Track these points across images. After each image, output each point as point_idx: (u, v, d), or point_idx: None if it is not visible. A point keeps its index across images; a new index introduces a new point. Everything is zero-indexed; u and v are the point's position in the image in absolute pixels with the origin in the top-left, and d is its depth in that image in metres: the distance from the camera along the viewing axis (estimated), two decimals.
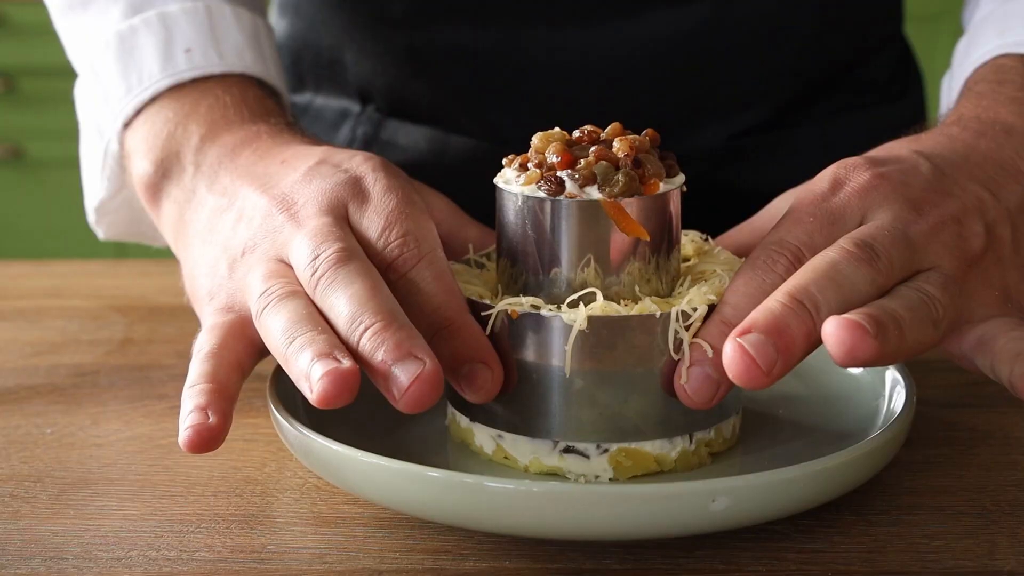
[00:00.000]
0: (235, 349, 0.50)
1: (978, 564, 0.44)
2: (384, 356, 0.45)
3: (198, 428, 0.46)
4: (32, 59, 2.19)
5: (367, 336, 0.46)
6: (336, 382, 0.44)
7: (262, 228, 0.53)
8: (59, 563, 0.45)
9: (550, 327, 0.47)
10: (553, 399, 0.48)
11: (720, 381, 0.46)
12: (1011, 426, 0.56)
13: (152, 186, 0.61)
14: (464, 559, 0.45)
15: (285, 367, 0.47)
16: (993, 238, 0.50)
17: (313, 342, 0.46)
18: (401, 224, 0.50)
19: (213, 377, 0.48)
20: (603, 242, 0.49)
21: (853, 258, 0.46)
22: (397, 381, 0.45)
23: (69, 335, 0.70)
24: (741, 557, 0.45)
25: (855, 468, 0.46)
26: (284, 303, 0.48)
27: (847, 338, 0.43)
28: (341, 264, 0.48)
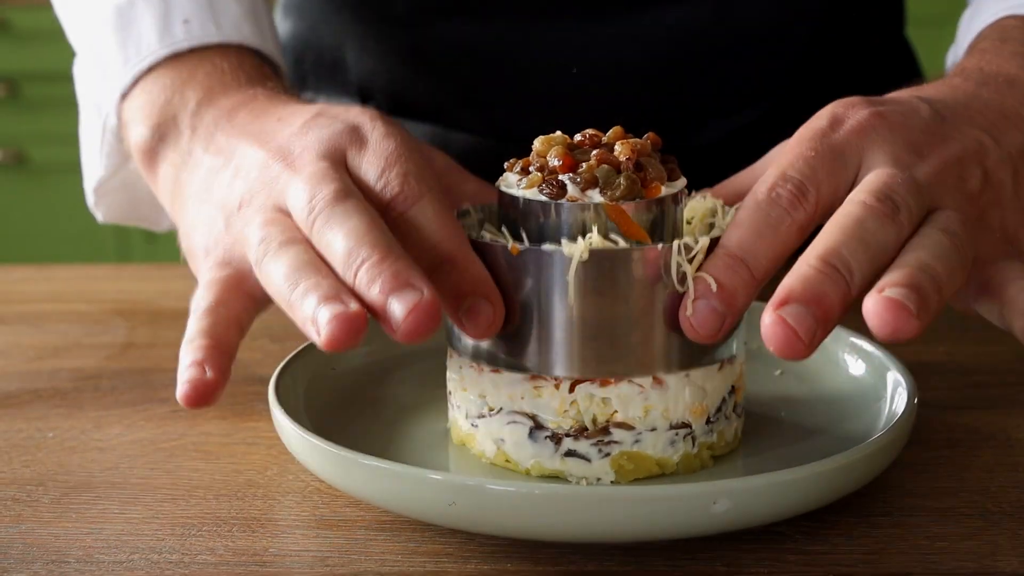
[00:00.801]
0: (233, 304, 0.50)
1: (980, 566, 0.44)
2: (381, 287, 0.44)
3: (195, 383, 0.46)
4: (35, 64, 2.19)
5: (364, 269, 0.45)
6: (344, 325, 0.43)
7: (259, 180, 0.52)
8: (61, 567, 0.45)
9: (551, 261, 0.47)
10: (555, 334, 0.47)
11: (725, 314, 0.46)
12: (1013, 428, 0.56)
13: (149, 151, 0.61)
14: (466, 562, 0.45)
15: (290, 313, 0.46)
16: (993, 182, 0.50)
17: (318, 286, 0.45)
18: (401, 164, 0.50)
19: (211, 333, 0.48)
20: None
21: (877, 214, 0.45)
22: (394, 312, 0.44)
23: (71, 339, 0.70)
24: (743, 559, 0.45)
25: (857, 470, 0.46)
26: (285, 249, 0.48)
27: (890, 318, 0.42)
28: (338, 202, 0.48)
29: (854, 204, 0.46)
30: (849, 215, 0.46)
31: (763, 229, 0.46)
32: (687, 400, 0.49)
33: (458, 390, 0.52)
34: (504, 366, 0.49)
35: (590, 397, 0.48)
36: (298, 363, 0.56)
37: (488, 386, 0.50)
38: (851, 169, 0.48)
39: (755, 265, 0.46)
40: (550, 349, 0.48)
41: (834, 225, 0.46)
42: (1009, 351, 0.65)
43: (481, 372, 0.50)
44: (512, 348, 0.49)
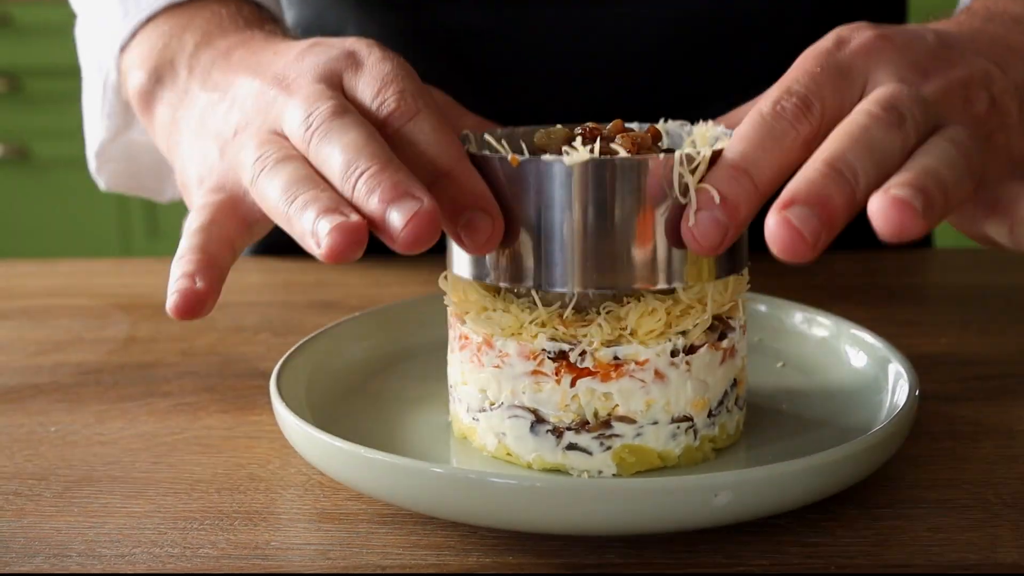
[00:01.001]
0: (225, 225, 0.50)
1: (981, 557, 0.44)
2: (380, 196, 0.44)
3: (185, 293, 0.46)
4: (37, 59, 2.19)
5: (362, 180, 0.45)
6: (345, 235, 0.43)
7: (254, 107, 0.52)
8: (63, 560, 0.45)
9: (551, 172, 0.46)
10: (555, 247, 0.47)
11: (728, 226, 0.45)
12: (1014, 420, 0.56)
13: (146, 94, 0.61)
14: (467, 554, 0.45)
15: (287, 227, 0.46)
16: (999, 107, 0.49)
17: (317, 199, 0.45)
18: (397, 83, 0.49)
19: (202, 249, 0.48)
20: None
21: (882, 122, 0.45)
22: (394, 221, 0.44)
23: (73, 334, 0.70)
24: (744, 551, 0.45)
25: (858, 462, 0.46)
26: (281, 165, 0.47)
27: (895, 216, 0.42)
28: (335, 117, 0.47)
29: (860, 113, 0.45)
30: (855, 123, 0.45)
31: (767, 141, 0.45)
32: (689, 394, 0.49)
33: (459, 384, 0.52)
34: (505, 282, 0.48)
35: (591, 391, 0.48)
36: (300, 357, 0.56)
37: (489, 380, 0.50)
38: (856, 87, 0.48)
39: (759, 176, 0.45)
40: (551, 263, 0.47)
41: (840, 132, 0.45)
42: (1011, 343, 0.65)
43: (482, 367, 0.50)
44: (512, 263, 0.48)
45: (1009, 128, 0.49)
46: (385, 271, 0.81)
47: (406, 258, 0.82)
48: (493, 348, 0.49)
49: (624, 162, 0.46)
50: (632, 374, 0.48)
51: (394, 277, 0.79)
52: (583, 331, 0.48)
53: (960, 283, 0.77)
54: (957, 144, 0.45)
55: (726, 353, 0.50)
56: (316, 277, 0.80)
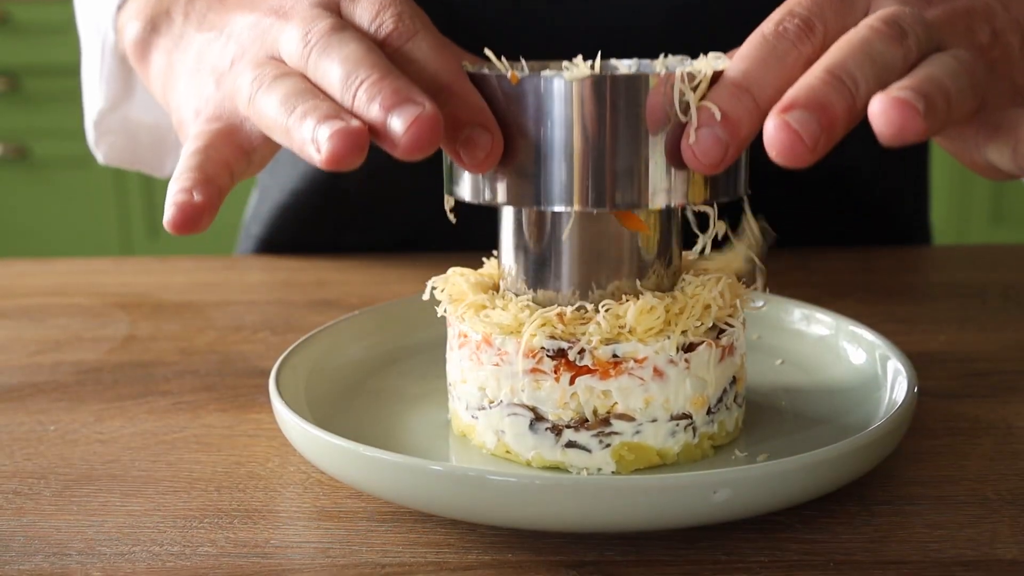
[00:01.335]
0: (222, 150, 0.49)
1: (979, 553, 0.44)
2: (381, 103, 0.44)
3: (182, 206, 0.45)
4: (36, 58, 2.19)
5: (363, 88, 0.44)
6: (346, 140, 0.43)
7: (250, 37, 0.52)
8: (63, 559, 0.45)
9: (551, 88, 0.46)
10: (554, 165, 0.46)
11: (729, 143, 0.45)
12: (1013, 416, 0.56)
13: (142, 43, 0.61)
14: (467, 552, 0.45)
15: (287, 138, 0.46)
16: (1002, 40, 0.49)
17: (316, 108, 0.45)
18: (394, 5, 0.49)
19: (200, 168, 0.47)
20: (604, 236, 0.49)
21: (884, 36, 0.44)
22: (395, 126, 0.43)
23: (72, 333, 0.70)
24: (743, 548, 0.45)
25: (857, 459, 0.46)
26: (278, 81, 0.47)
27: (896, 117, 0.41)
28: (333, 32, 0.47)
29: (862, 27, 0.45)
30: (856, 35, 0.45)
31: (769, 60, 0.45)
32: (687, 391, 0.49)
33: (458, 382, 0.52)
34: (504, 202, 0.48)
35: (590, 389, 0.48)
36: (299, 355, 0.56)
37: (488, 378, 0.50)
38: (859, 10, 0.47)
39: (760, 95, 0.45)
40: (550, 180, 0.47)
41: (841, 43, 0.45)
42: (1009, 339, 0.66)
43: (481, 365, 0.50)
44: (512, 182, 0.47)
45: (1012, 61, 0.49)
46: (385, 269, 0.81)
47: (406, 257, 0.82)
48: (492, 346, 0.49)
49: (625, 78, 0.45)
50: (631, 372, 0.48)
51: (394, 275, 0.79)
52: (582, 329, 0.48)
53: (958, 280, 0.77)
54: (960, 61, 0.44)
55: (725, 351, 0.50)
56: (315, 276, 0.80)
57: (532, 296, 0.50)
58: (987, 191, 2.16)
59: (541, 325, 0.48)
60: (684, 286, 0.50)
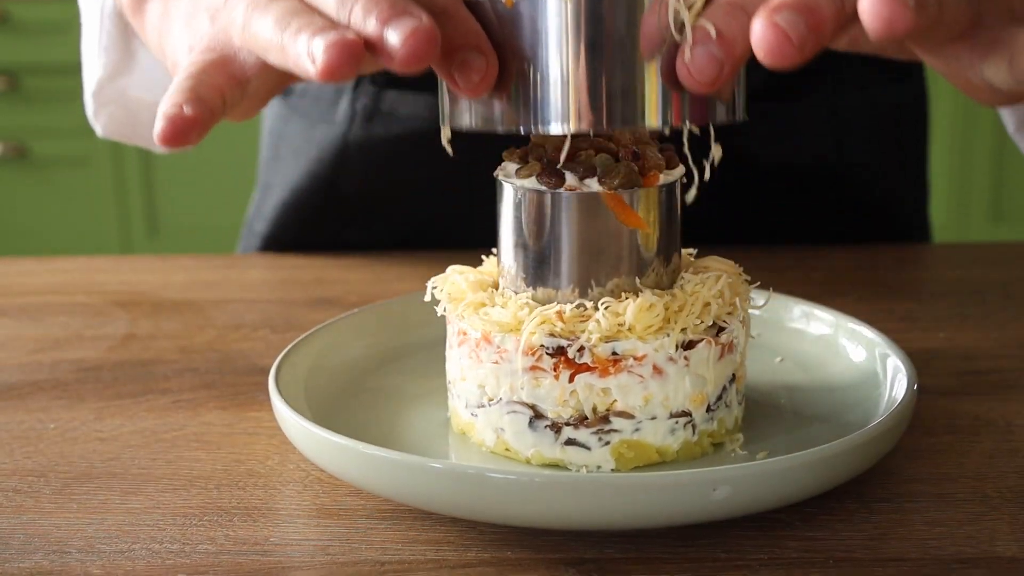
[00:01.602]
0: (215, 75, 0.49)
1: (979, 551, 0.44)
2: (378, 16, 0.44)
3: (173, 119, 0.45)
4: (35, 57, 2.19)
5: (359, 4, 0.44)
6: (341, 50, 0.43)
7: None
8: (62, 557, 0.45)
9: (545, 9, 0.46)
10: (550, 85, 0.46)
11: (724, 61, 0.44)
12: (1012, 414, 0.56)
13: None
14: (466, 550, 0.45)
15: (282, 56, 0.45)
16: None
17: (311, 23, 0.45)
18: None
19: (191, 89, 0.47)
20: (603, 234, 0.49)
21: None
22: (392, 38, 0.43)
23: (72, 331, 0.70)
24: (743, 545, 0.45)
25: (856, 456, 0.46)
26: (272, 4, 0.47)
27: (884, 10, 0.41)
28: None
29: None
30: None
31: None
32: (687, 389, 0.49)
33: (458, 380, 0.52)
34: (502, 126, 0.47)
35: (590, 387, 0.48)
36: (298, 353, 0.56)
37: (488, 376, 0.50)
38: None
39: (755, 12, 0.44)
40: (546, 101, 0.46)
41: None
42: (1009, 337, 0.65)
43: (481, 363, 0.50)
44: (508, 105, 0.47)
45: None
46: (385, 268, 0.81)
47: (406, 255, 0.82)
48: (492, 344, 0.49)
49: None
50: (630, 369, 0.48)
51: (394, 274, 0.79)
52: (581, 327, 0.48)
53: (958, 278, 0.77)
54: None
55: (725, 348, 0.50)
56: (315, 274, 0.80)
57: (531, 294, 0.50)
58: (987, 189, 2.16)
59: (540, 323, 0.48)
60: (684, 284, 0.50)
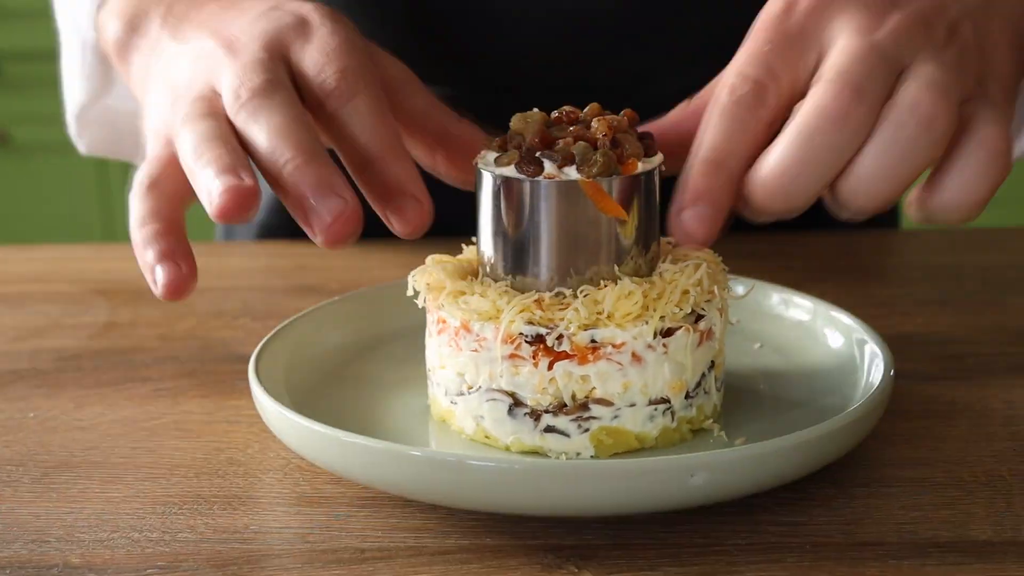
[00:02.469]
0: (174, 180, 0.50)
1: (954, 535, 0.45)
2: (305, 191, 0.46)
3: (174, 280, 0.48)
4: (18, 43, 2.18)
5: (288, 170, 0.46)
6: (236, 198, 0.45)
7: (204, 66, 0.53)
8: (41, 546, 0.45)
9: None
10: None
11: (715, 217, 0.48)
12: (989, 398, 0.56)
13: (121, 44, 0.62)
14: (446, 537, 0.46)
15: (193, 183, 0.48)
16: (958, 35, 0.49)
17: (219, 158, 0.46)
18: (340, 60, 0.50)
19: (163, 215, 0.49)
20: (582, 222, 0.49)
21: (832, 117, 0.45)
22: (319, 217, 0.46)
23: (52, 319, 0.70)
24: (721, 531, 0.45)
25: (833, 441, 0.46)
26: (200, 121, 0.49)
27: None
28: (265, 95, 0.49)
29: (809, 107, 0.46)
30: (802, 127, 0.46)
31: (733, 132, 0.47)
32: (666, 376, 0.49)
33: (437, 368, 0.52)
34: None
35: (569, 374, 0.48)
36: (278, 341, 0.56)
37: (467, 364, 0.50)
38: (812, 52, 0.48)
39: (733, 166, 0.48)
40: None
41: (786, 138, 0.46)
42: (986, 322, 0.66)
43: (460, 351, 0.50)
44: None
45: (969, 51, 0.49)
46: (366, 255, 0.80)
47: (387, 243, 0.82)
48: (471, 332, 0.49)
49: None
50: (609, 357, 0.48)
51: (375, 261, 0.79)
52: (560, 315, 0.48)
53: (937, 263, 0.77)
54: (914, 112, 0.45)
55: (703, 335, 0.50)
56: (296, 262, 0.80)
57: (511, 282, 0.50)
58: None
59: (520, 311, 0.48)
60: (662, 271, 0.51)
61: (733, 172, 0.47)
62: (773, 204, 0.47)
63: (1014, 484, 0.48)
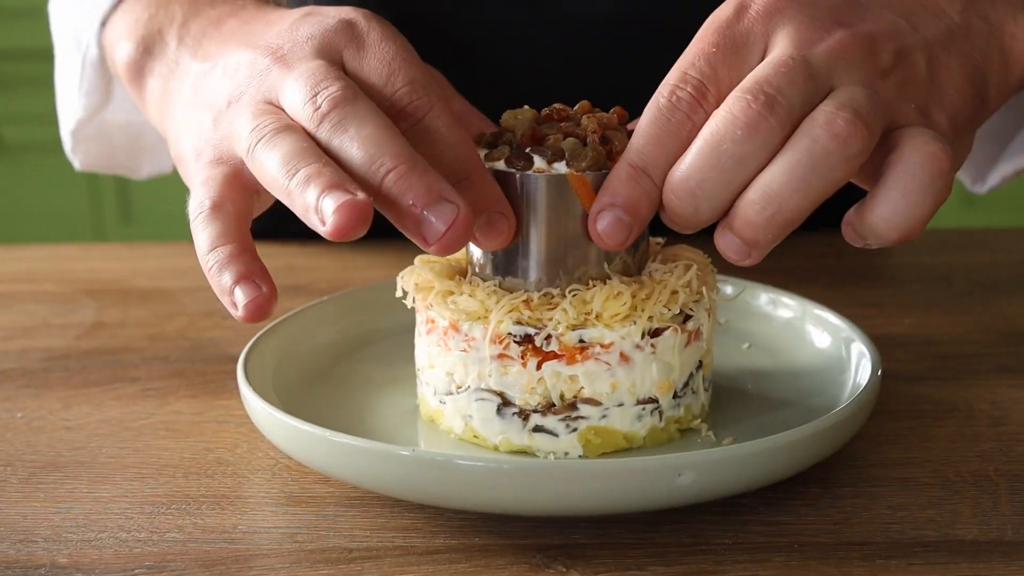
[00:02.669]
0: (235, 199, 0.48)
1: (940, 534, 0.45)
2: (414, 200, 0.44)
3: (257, 301, 0.45)
4: (8, 43, 2.17)
5: (391, 179, 0.44)
6: (353, 213, 0.42)
7: (247, 76, 0.50)
8: (28, 546, 0.45)
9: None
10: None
11: (632, 224, 0.47)
12: (975, 399, 0.56)
13: (135, 65, 0.59)
14: (434, 536, 0.46)
15: (288, 201, 0.45)
16: (907, 62, 0.49)
17: (320, 174, 0.44)
18: (406, 71, 0.48)
19: (232, 236, 0.47)
20: (571, 218, 0.49)
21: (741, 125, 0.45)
22: (432, 226, 0.44)
23: (40, 319, 0.70)
24: (708, 530, 0.46)
25: (820, 441, 0.46)
26: (280, 136, 0.46)
27: (732, 257, 0.46)
28: (348, 103, 0.46)
29: (721, 115, 0.46)
30: (710, 135, 0.45)
31: (664, 137, 0.46)
32: (654, 376, 0.49)
33: (426, 368, 0.52)
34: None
35: (557, 374, 0.48)
36: (267, 341, 0.56)
37: (456, 364, 0.50)
38: (755, 58, 0.48)
39: (656, 174, 0.47)
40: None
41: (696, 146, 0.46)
42: (973, 323, 0.66)
43: (449, 351, 0.50)
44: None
45: (917, 82, 0.49)
46: (354, 255, 0.80)
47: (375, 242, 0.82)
48: (460, 332, 0.49)
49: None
50: (597, 357, 0.48)
51: (364, 261, 0.79)
52: (549, 315, 0.48)
53: (924, 263, 0.78)
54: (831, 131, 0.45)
55: (691, 335, 0.50)
56: (285, 262, 0.80)
57: (499, 282, 0.50)
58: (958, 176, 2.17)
59: (508, 311, 0.48)
60: (652, 271, 0.51)
61: (656, 181, 0.46)
62: (682, 210, 0.46)
63: (1000, 484, 0.49)
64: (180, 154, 0.54)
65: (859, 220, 0.47)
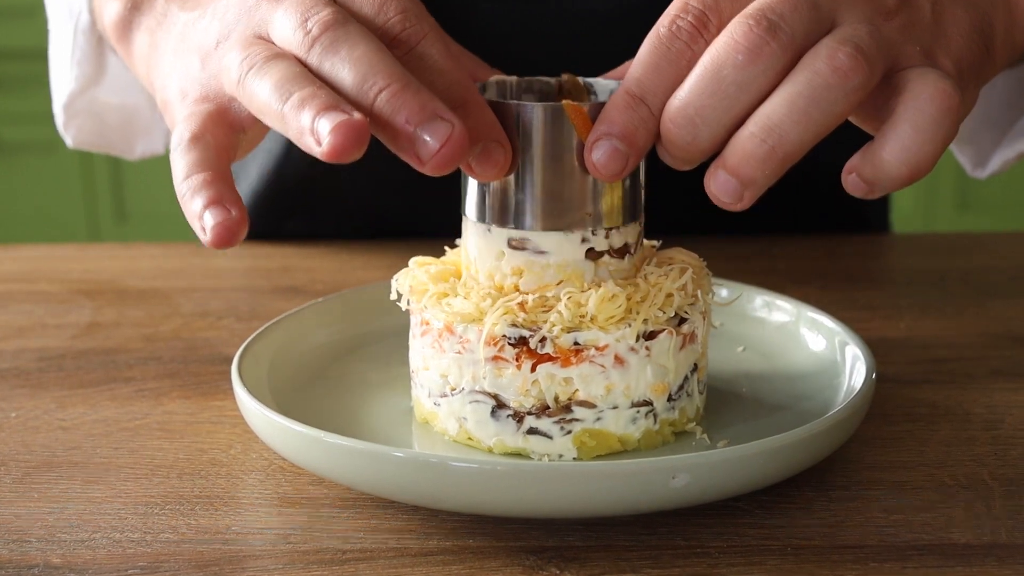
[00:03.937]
0: (217, 134, 0.48)
1: (934, 538, 0.45)
2: (408, 118, 0.43)
3: (225, 223, 0.44)
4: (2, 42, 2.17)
5: (384, 98, 0.43)
6: (350, 133, 0.42)
7: (236, 16, 0.50)
8: (22, 546, 0.45)
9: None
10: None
11: (628, 153, 0.46)
12: (970, 402, 0.56)
13: (123, 22, 0.59)
14: (428, 538, 0.46)
15: (281, 125, 0.44)
16: (912, 6, 0.48)
17: (315, 96, 0.43)
18: (398, 1, 0.48)
19: (208, 165, 0.46)
20: (567, 150, 0.49)
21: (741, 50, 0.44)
22: (425, 144, 0.43)
23: (35, 319, 0.70)
24: (702, 533, 0.46)
25: (815, 444, 0.46)
26: (271, 63, 0.45)
27: (723, 201, 0.45)
28: (339, 25, 0.45)
29: (721, 40, 0.45)
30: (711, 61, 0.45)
31: (663, 66, 0.46)
32: (648, 378, 0.49)
33: (420, 369, 0.52)
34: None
35: (551, 377, 0.48)
36: (262, 342, 0.56)
37: (450, 366, 0.50)
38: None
39: (654, 103, 0.46)
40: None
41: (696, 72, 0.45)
42: (968, 326, 0.66)
43: (443, 353, 0.50)
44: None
45: (921, 25, 0.48)
46: (350, 256, 0.80)
47: (371, 245, 0.82)
48: (454, 334, 0.49)
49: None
50: (592, 359, 0.48)
51: (359, 262, 0.79)
52: (543, 317, 0.48)
53: (919, 267, 0.78)
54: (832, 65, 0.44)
55: (686, 338, 0.50)
56: (281, 263, 0.80)
57: (491, 227, 0.50)
58: (953, 179, 2.18)
59: (503, 313, 0.48)
60: (647, 274, 0.51)
61: (654, 108, 0.46)
62: (680, 139, 0.45)
63: (995, 487, 0.49)
64: (166, 98, 0.54)
65: (866, 163, 0.46)
